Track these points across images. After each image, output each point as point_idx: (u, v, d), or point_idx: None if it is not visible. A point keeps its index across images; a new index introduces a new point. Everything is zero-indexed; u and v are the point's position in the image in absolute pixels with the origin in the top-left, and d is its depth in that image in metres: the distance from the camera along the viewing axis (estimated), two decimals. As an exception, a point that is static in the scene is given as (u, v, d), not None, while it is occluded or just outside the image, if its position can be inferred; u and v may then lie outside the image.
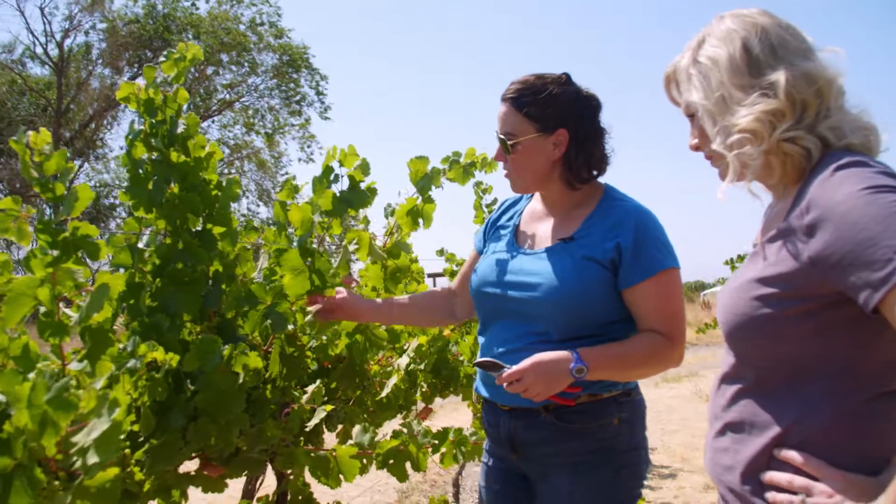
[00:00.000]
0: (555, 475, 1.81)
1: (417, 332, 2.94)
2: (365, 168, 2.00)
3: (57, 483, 1.33)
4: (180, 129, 1.87)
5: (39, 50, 22.32)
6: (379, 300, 2.19)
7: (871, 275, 0.98)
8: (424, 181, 2.28)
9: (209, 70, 22.58)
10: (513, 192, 1.99)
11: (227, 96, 24.26)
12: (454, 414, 8.56)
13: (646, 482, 5.39)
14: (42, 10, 21.46)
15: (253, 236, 2.28)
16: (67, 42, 21.92)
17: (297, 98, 24.50)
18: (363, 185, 2.01)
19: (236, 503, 2.25)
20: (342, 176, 1.99)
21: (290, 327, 1.97)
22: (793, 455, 1.12)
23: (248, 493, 2.32)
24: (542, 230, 1.93)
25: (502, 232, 2.05)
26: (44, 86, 22.73)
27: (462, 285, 2.19)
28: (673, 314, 1.76)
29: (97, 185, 24.65)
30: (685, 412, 8.77)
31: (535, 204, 2.02)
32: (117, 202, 22.61)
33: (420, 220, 2.30)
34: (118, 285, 1.52)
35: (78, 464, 1.23)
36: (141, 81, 1.91)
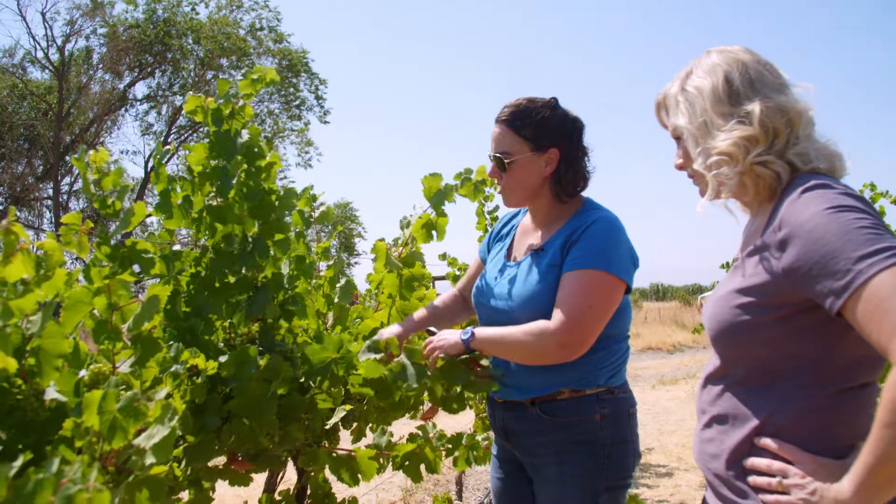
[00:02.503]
0: (544, 465, 1.99)
1: (425, 334, 3.08)
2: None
3: (107, 476, 1.47)
4: (244, 139, 2.00)
5: (40, 54, 22.42)
6: (408, 325, 2.28)
7: (833, 283, 1.13)
8: (438, 197, 2.43)
9: (209, 75, 22.68)
10: (506, 206, 2.16)
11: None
12: (452, 416, 8.69)
13: (643, 481, 5.53)
14: (43, 14, 21.63)
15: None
16: (68, 46, 22.02)
17: (297, 102, 24.63)
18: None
19: (259, 495, 2.38)
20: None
21: None
22: (770, 442, 1.28)
23: (270, 486, 2.46)
24: (527, 243, 2.11)
25: (499, 245, 2.24)
26: (45, 90, 22.80)
27: (466, 287, 2.41)
28: (575, 308, 1.81)
29: (97, 188, 24.70)
30: (682, 413, 8.92)
31: (528, 219, 2.19)
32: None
33: (434, 233, 2.46)
34: (165, 296, 1.66)
35: (131, 461, 1.37)
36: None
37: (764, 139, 1.32)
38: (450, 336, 1.98)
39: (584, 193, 2.09)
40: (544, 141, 1.99)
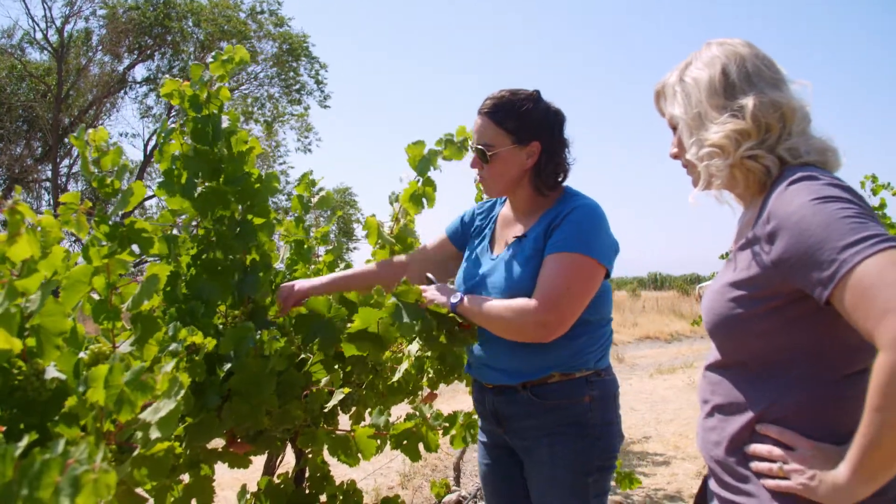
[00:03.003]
0: (535, 447, 2.03)
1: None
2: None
3: (110, 455, 1.47)
4: (225, 125, 1.99)
5: (39, 35, 22.23)
6: (326, 279, 2.26)
7: (820, 274, 1.15)
8: (423, 164, 2.43)
9: (209, 58, 22.55)
10: (486, 196, 2.19)
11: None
12: (452, 401, 8.71)
13: (640, 469, 5.55)
14: (42, -5, 21.44)
15: (277, 227, 2.41)
16: (67, 28, 21.84)
17: (297, 87, 24.51)
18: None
19: (258, 478, 2.39)
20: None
21: None
22: (770, 429, 1.29)
23: (269, 469, 2.47)
24: (509, 234, 2.14)
25: (479, 237, 2.25)
26: (43, 71, 22.64)
27: (418, 257, 2.35)
28: (556, 289, 1.86)
29: (96, 171, 24.65)
30: (679, 402, 8.94)
31: (507, 210, 2.21)
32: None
33: (424, 201, 2.45)
34: (164, 276, 1.66)
35: (137, 437, 1.36)
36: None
37: (755, 133, 1.34)
38: (440, 295, 2.00)
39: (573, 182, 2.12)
40: (526, 134, 2.00)
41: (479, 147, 2.03)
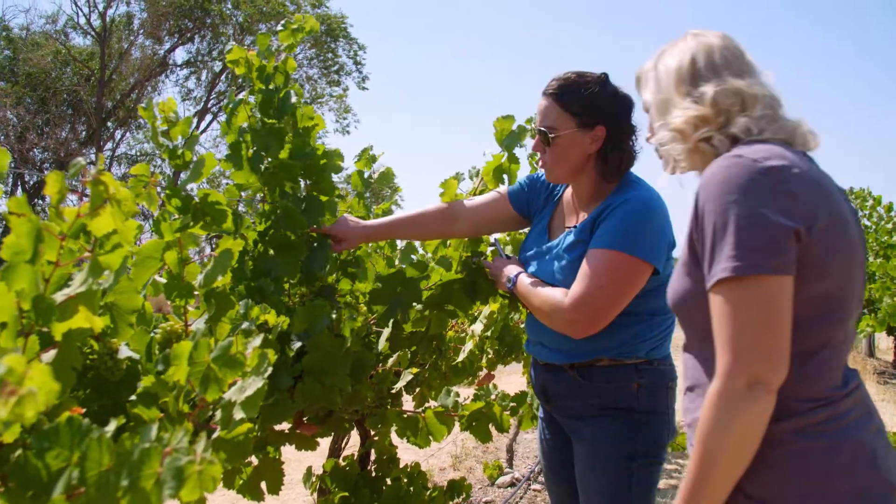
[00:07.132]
0: (579, 426, 2.01)
1: (490, 299, 2.98)
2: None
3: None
4: (293, 100, 1.92)
5: (82, 20, 22.54)
6: (380, 223, 2.20)
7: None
8: (510, 139, 2.32)
9: (248, 40, 22.63)
10: (547, 181, 2.11)
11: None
12: (500, 381, 8.64)
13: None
14: (85, -20, 21.66)
15: (341, 206, 2.34)
16: (110, 12, 22.07)
17: (336, 68, 24.50)
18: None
19: (320, 461, 2.34)
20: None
21: None
22: None
23: (335, 451, 2.41)
24: (567, 221, 2.09)
25: (540, 213, 2.19)
26: (87, 56, 22.95)
27: (467, 214, 2.23)
28: (585, 286, 1.81)
29: (138, 153, 25.05)
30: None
31: (569, 194, 2.13)
32: (159, 171, 22.83)
33: (505, 178, 2.34)
34: (237, 252, 1.58)
35: (216, 417, 1.30)
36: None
37: (714, 119, 1.36)
38: (502, 272, 2.07)
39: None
40: (592, 118, 1.93)
41: (542, 129, 1.96)
